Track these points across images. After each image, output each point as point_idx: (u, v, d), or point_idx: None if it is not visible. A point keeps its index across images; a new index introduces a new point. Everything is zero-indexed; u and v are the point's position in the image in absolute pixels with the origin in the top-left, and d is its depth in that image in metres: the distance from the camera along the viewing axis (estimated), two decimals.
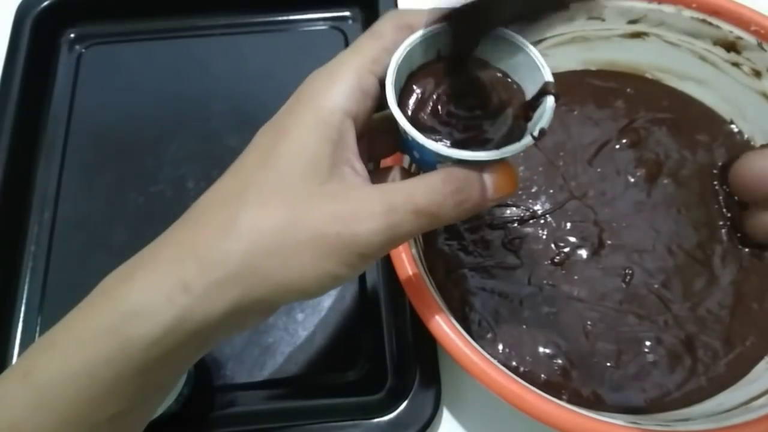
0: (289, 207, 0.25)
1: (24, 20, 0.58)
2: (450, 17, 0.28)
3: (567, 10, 0.27)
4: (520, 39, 0.29)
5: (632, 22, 0.48)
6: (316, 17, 0.61)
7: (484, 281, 0.44)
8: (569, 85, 0.51)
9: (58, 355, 0.25)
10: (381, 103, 0.29)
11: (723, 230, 0.45)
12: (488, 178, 0.28)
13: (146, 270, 0.26)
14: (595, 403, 0.40)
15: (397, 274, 0.37)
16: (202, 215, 0.27)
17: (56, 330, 0.26)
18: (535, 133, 0.27)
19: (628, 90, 0.51)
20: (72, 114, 0.57)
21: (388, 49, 0.28)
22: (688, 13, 0.46)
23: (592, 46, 0.50)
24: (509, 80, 0.30)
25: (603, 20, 0.48)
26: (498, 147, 0.27)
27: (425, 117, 0.29)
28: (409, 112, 0.29)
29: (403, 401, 0.42)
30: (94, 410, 0.25)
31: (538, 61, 0.29)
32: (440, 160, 0.28)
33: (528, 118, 0.29)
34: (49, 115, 0.57)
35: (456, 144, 0.28)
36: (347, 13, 0.61)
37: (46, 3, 0.59)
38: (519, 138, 0.28)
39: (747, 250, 0.45)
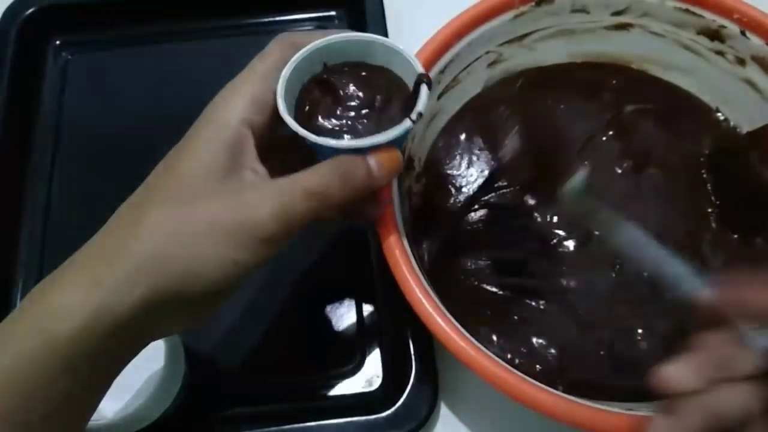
0: (188, 202, 0.28)
1: (9, 28, 0.57)
2: None
3: None
4: (391, 42, 0.34)
5: (616, 13, 0.48)
6: (302, 18, 0.61)
7: (475, 274, 0.44)
8: (555, 79, 0.51)
9: None
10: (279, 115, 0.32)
11: (711, 217, 0.46)
12: (371, 159, 0.32)
13: (65, 273, 0.28)
14: (591, 392, 0.40)
15: (390, 269, 0.37)
16: (115, 221, 0.30)
17: None
18: (413, 117, 0.31)
19: (614, 82, 0.51)
20: (60, 121, 0.57)
21: (277, 65, 0.32)
22: (671, 3, 0.46)
23: (577, 38, 0.50)
24: (392, 76, 0.34)
25: (588, 13, 0.48)
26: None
27: (320, 122, 0.33)
28: (306, 120, 0.32)
29: (401, 397, 0.42)
30: (24, 409, 0.26)
31: (410, 58, 0.33)
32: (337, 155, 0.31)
33: (411, 109, 0.32)
34: (37, 122, 0.56)
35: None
36: (333, 13, 0.61)
37: (31, 10, 0.59)
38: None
39: (736, 236, 0.45)
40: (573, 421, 0.33)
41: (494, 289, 0.44)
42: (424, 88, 0.32)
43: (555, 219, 0.46)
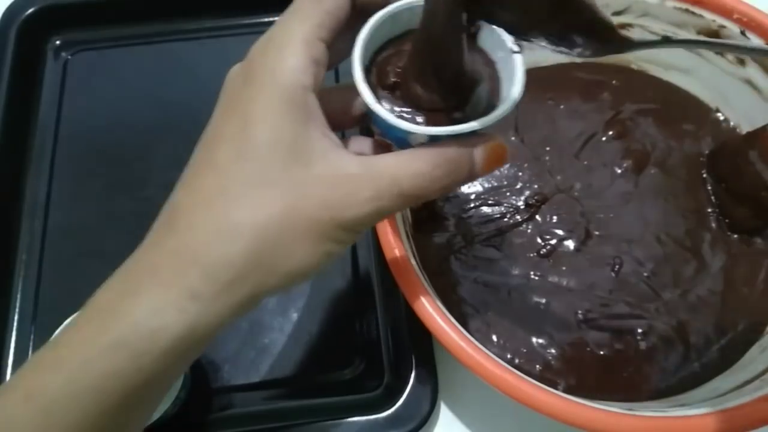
0: (281, 198, 0.26)
1: (9, 28, 0.57)
2: None
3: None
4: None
5: (616, 13, 0.48)
6: None
7: (475, 274, 0.44)
8: (555, 79, 0.51)
9: (63, 373, 0.24)
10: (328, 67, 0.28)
11: (711, 217, 0.46)
12: (479, 155, 0.27)
13: (148, 283, 0.25)
14: (591, 392, 0.40)
15: (391, 271, 0.37)
16: (191, 218, 0.26)
17: (56, 348, 0.25)
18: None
19: (614, 82, 0.51)
20: (60, 121, 0.57)
21: (330, 11, 0.27)
22: (671, 3, 0.46)
23: None
24: (483, 54, 0.28)
25: None
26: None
27: (396, 94, 0.27)
28: (380, 90, 0.27)
29: (401, 397, 0.42)
30: (102, 425, 0.25)
31: (503, 35, 0.27)
32: (412, 139, 0.27)
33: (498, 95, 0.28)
34: (37, 122, 0.56)
35: (430, 122, 0.27)
36: None
37: (31, 10, 0.59)
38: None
39: (736, 236, 0.45)
40: (573, 421, 0.33)
41: (494, 289, 0.44)
42: (519, 63, 0.27)
43: (555, 219, 0.46)
